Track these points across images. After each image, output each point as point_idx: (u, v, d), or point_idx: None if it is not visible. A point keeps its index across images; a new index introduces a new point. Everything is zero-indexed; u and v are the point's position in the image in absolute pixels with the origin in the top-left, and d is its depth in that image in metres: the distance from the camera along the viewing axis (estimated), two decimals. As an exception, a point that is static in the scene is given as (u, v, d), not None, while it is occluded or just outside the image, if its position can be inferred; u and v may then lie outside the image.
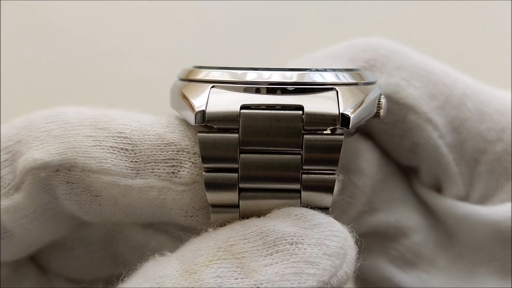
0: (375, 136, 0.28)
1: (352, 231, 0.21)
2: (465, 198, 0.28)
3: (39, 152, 0.22)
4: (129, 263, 0.27)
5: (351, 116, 0.21)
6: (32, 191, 0.23)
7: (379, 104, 0.23)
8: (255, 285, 0.19)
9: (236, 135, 0.21)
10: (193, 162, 0.22)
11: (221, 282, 0.19)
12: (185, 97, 0.22)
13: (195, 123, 0.21)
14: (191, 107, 0.21)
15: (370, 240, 0.28)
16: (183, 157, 0.22)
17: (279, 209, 0.22)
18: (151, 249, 0.25)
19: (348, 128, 0.21)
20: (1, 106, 0.46)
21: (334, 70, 0.22)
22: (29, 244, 0.25)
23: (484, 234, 0.27)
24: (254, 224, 0.21)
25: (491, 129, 0.27)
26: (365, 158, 0.27)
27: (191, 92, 0.22)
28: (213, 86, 0.21)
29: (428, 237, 0.28)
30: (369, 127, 0.28)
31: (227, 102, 0.21)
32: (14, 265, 0.26)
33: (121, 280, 0.21)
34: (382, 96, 0.24)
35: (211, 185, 0.21)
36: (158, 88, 0.27)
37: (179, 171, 0.22)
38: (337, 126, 0.21)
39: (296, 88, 0.21)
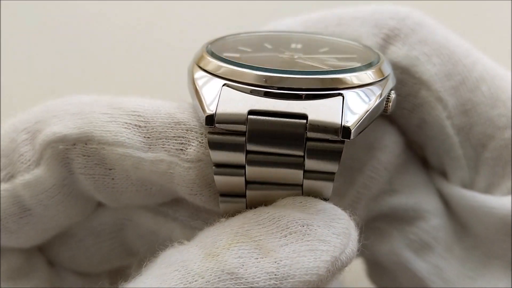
0: None
1: (351, 215, 0.23)
2: (470, 184, 0.28)
3: (58, 127, 0.23)
4: (138, 253, 0.28)
5: (352, 130, 0.21)
6: (52, 164, 0.24)
7: (388, 100, 0.24)
8: (275, 261, 0.20)
9: (243, 138, 0.22)
10: (199, 142, 0.23)
11: (244, 262, 0.20)
12: (197, 92, 0.23)
13: (205, 125, 0.22)
14: (203, 107, 0.22)
15: (389, 225, 0.29)
16: (191, 136, 0.23)
17: (283, 198, 0.23)
18: (162, 237, 0.26)
19: (349, 139, 0.21)
20: (1, 106, 0.46)
21: (344, 71, 0.23)
22: (45, 227, 0.26)
23: (494, 227, 0.27)
24: (264, 211, 0.22)
25: (503, 115, 0.27)
26: (391, 138, 0.28)
27: (203, 86, 0.23)
28: (224, 84, 0.22)
29: (446, 223, 0.28)
30: None
31: (236, 105, 0.22)
32: (26, 254, 0.27)
33: (136, 269, 0.22)
34: (392, 92, 0.24)
35: (220, 175, 0.23)
36: (159, 87, 0.27)
37: (187, 149, 0.23)
38: (338, 137, 0.21)
39: (302, 94, 0.22)
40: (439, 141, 0.27)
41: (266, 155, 0.22)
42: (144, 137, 0.23)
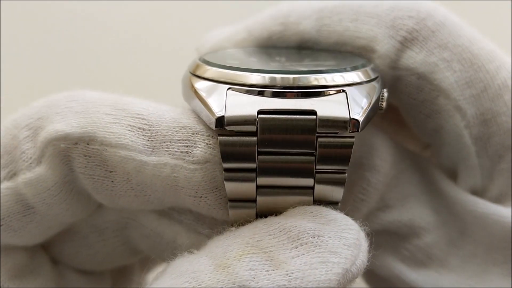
0: (400, 108, 0.28)
1: (361, 226, 0.23)
2: (481, 191, 0.28)
3: (61, 125, 0.23)
4: (141, 253, 0.28)
5: (361, 121, 0.22)
6: (53, 163, 0.23)
7: (382, 98, 0.24)
8: (286, 274, 0.20)
9: (254, 138, 0.22)
10: (207, 143, 0.23)
11: (255, 274, 0.20)
12: (201, 98, 0.23)
13: (215, 128, 0.22)
14: (211, 111, 0.22)
15: (382, 238, 0.28)
16: (198, 138, 0.23)
17: (294, 207, 0.23)
18: (166, 239, 0.26)
19: (358, 131, 0.22)
20: (1, 106, 0.46)
21: (339, 70, 0.23)
22: (49, 225, 0.25)
23: (501, 235, 0.27)
24: (275, 221, 0.22)
25: None
26: (379, 155, 0.27)
27: (207, 92, 0.23)
28: (229, 88, 0.22)
29: (440, 237, 0.28)
30: (395, 99, 0.27)
31: (244, 106, 0.22)
32: (31, 252, 0.27)
33: (139, 268, 0.22)
34: (385, 90, 0.24)
35: (230, 180, 0.22)
36: (159, 86, 0.27)
37: (193, 151, 0.23)
38: (348, 130, 0.22)
39: (308, 92, 0.22)
40: (455, 148, 0.27)
41: (278, 155, 0.22)
42: (148, 140, 0.23)
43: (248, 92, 0.22)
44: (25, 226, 0.25)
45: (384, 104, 0.24)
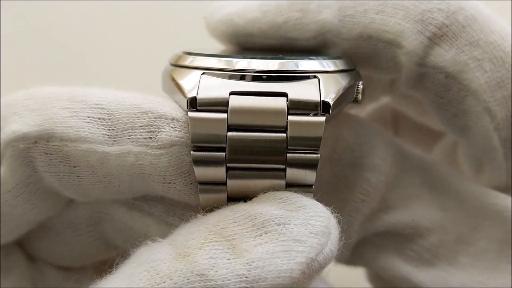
0: (425, 104, 0.27)
1: (333, 212, 0.22)
2: (505, 189, 0.27)
3: (18, 125, 0.23)
4: (117, 246, 0.27)
5: (331, 103, 0.22)
6: (13, 164, 0.23)
7: (358, 90, 0.24)
8: (247, 263, 0.20)
9: (225, 115, 0.22)
10: (172, 126, 0.23)
11: (215, 263, 0.20)
12: (176, 83, 0.23)
13: (187, 108, 0.22)
14: (183, 93, 0.22)
15: (386, 240, 0.27)
16: (161, 122, 0.23)
17: (265, 193, 0.22)
18: (137, 232, 0.25)
19: (329, 114, 0.22)
20: (0, 106, 0.46)
21: (317, 58, 0.24)
22: (16, 224, 0.25)
23: None
24: (242, 208, 0.21)
25: None
26: (379, 154, 0.26)
27: (182, 78, 0.23)
28: (203, 73, 0.23)
29: (446, 236, 0.27)
30: (420, 95, 0.26)
31: (216, 88, 0.22)
32: (4, 251, 0.26)
33: (114, 266, 0.22)
34: (360, 83, 0.25)
35: (199, 162, 0.22)
36: (156, 84, 0.27)
37: (157, 136, 0.22)
38: (319, 112, 0.22)
39: (280, 76, 0.22)
40: (482, 149, 0.26)
41: (248, 131, 0.22)
42: (109, 130, 0.23)
43: (221, 76, 0.22)
44: None
45: (360, 96, 0.24)
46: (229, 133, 0.22)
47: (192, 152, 0.22)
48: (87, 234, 0.27)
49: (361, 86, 0.24)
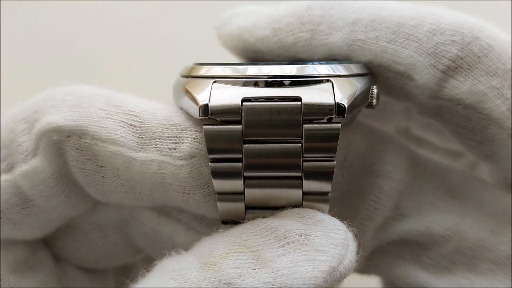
0: (448, 133, 0.26)
1: (349, 226, 0.22)
2: None
3: (54, 117, 0.23)
4: (141, 250, 0.28)
5: (346, 106, 0.22)
6: (48, 154, 0.24)
7: (372, 94, 0.24)
8: (272, 272, 0.20)
9: (239, 126, 0.22)
10: (194, 138, 0.23)
11: (241, 272, 0.20)
12: (188, 92, 0.23)
13: (199, 116, 0.22)
14: (195, 101, 0.22)
15: (401, 248, 0.27)
16: (186, 134, 0.23)
17: (282, 211, 0.23)
18: (164, 237, 0.26)
19: (344, 116, 0.22)
20: (1, 106, 0.46)
21: (328, 63, 0.23)
22: (48, 218, 0.26)
23: None
24: (262, 222, 0.22)
25: None
26: (391, 161, 0.26)
27: (194, 87, 0.23)
28: (215, 81, 0.23)
29: (464, 241, 0.26)
30: (441, 125, 0.26)
31: (229, 96, 0.22)
32: (32, 247, 0.27)
33: (139, 275, 0.22)
34: (374, 87, 0.24)
35: (217, 174, 0.22)
36: (159, 88, 0.27)
37: (180, 147, 0.23)
38: (334, 115, 0.22)
39: (293, 81, 0.22)
40: (510, 173, 0.25)
41: (263, 143, 0.22)
42: (138, 137, 0.23)
43: (234, 83, 0.22)
44: (24, 218, 0.25)
45: (374, 101, 0.24)
46: (245, 145, 0.22)
47: (210, 163, 0.22)
48: (113, 236, 0.28)
49: (375, 91, 0.24)
